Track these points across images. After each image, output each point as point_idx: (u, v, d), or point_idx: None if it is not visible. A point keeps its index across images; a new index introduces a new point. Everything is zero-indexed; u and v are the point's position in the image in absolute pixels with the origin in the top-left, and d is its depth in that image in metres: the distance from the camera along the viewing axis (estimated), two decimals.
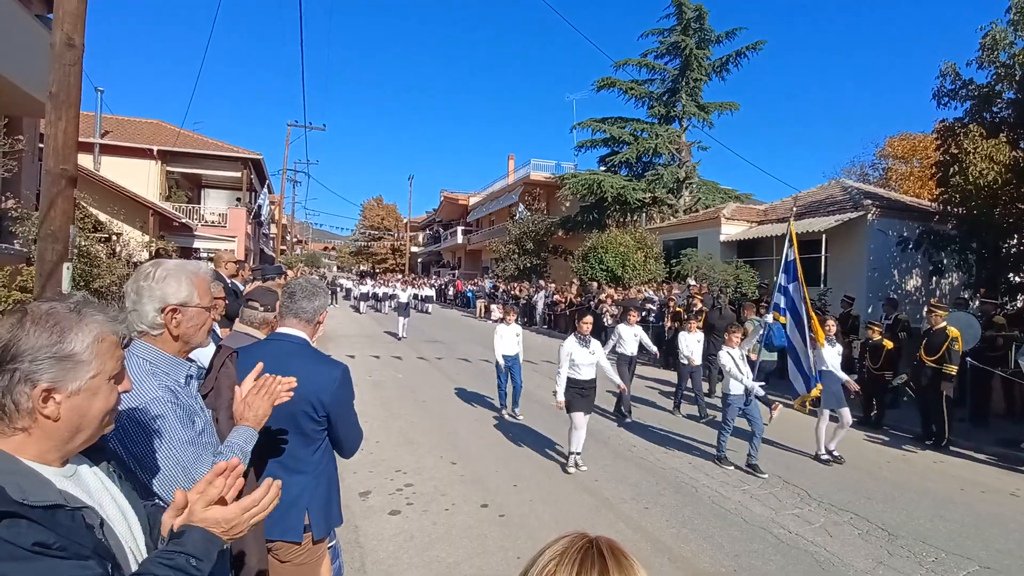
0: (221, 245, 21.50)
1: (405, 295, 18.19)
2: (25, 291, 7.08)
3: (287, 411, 1.99)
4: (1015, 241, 11.78)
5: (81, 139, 4.84)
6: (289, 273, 11.60)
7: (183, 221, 21.43)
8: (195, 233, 22.81)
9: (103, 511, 1.07)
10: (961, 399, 8.14)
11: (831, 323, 7.29)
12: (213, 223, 25.28)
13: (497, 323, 9.19)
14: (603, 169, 26.11)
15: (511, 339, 8.14)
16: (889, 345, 8.19)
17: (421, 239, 60.76)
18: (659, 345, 11.75)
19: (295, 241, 53.97)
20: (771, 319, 6.95)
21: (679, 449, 6.83)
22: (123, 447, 1.43)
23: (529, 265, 28.49)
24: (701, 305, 11.78)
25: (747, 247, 17.78)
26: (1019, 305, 9.56)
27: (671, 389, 10.31)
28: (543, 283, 23.64)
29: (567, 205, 28.53)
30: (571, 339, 6.08)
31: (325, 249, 77.32)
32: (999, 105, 11.61)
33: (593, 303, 17.11)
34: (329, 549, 2.47)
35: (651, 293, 15.83)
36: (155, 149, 22.66)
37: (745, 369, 6.29)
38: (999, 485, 6.06)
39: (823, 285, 14.36)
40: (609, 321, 15.54)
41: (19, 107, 9.51)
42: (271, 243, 38.20)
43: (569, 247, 26.75)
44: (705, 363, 9.38)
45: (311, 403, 2.11)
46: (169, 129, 24.50)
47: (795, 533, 4.62)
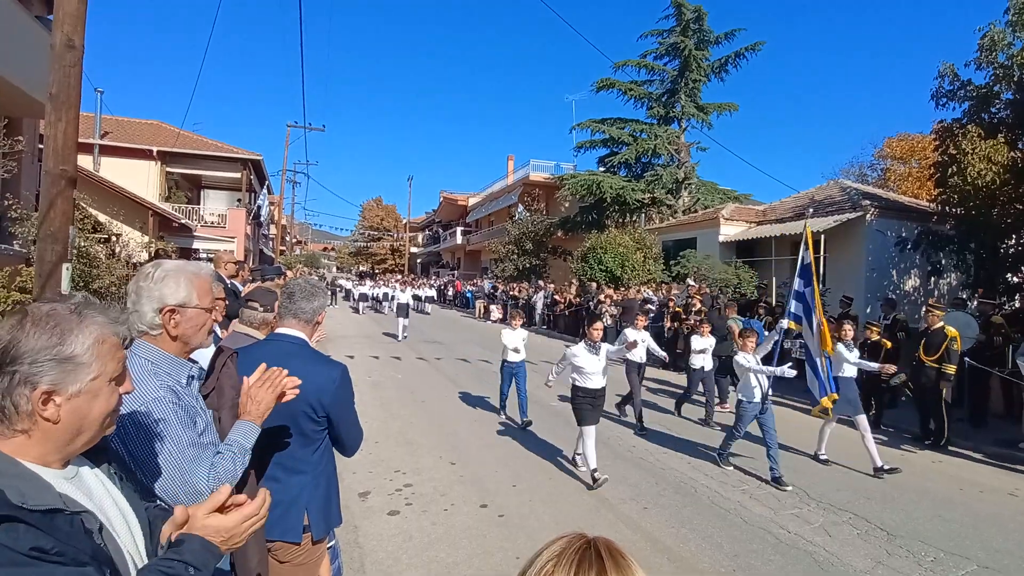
0: (220, 246, 21.50)
1: (405, 296, 17.89)
2: (24, 292, 7.08)
3: (287, 411, 2.00)
4: (1013, 241, 11.80)
5: (81, 140, 4.85)
6: (288, 273, 11.61)
7: (183, 222, 21.43)
8: (195, 234, 22.81)
9: (104, 514, 1.07)
10: (959, 399, 8.16)
11: (847, 327, 6.87)
12: (213, 224, 25.28)
13: (503, 327, 8.83)
14: (602, 170, 26.11)
15: (517, 345, 7.85)
16: (888, 345, 8.22)
17: (420, 240, 60.77)
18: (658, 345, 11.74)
19: (295, 242, 53.98)
20: (786, 325, 6.49)
21: (679, 450, 6.83)
22: (124, 447, 1.44)
23: (528, 266, 28.50)
24: (700, 305, 11.80)
25: (746, 247, 17.80)
26: (1016, 305, 9.55)
27: (672, 390, 10.34)
28: (542, 284, 23.64)
29: (566, 206, 28.54)
30: (580, 346, 5.74)
31: (324, 250, 77.30)
32: (997, 106, 11.63)
33: (592, 303, 17.12)
34: (328, 549, 2.48)
35: (650, 293, 15.84)
36: (155, 150, 22.68)
37: (763, 367, 6.01)
38: (997, 485, 6.07)
39: (822, 285, 14.27)
40: (608, 322, 15.56)
41: (19, 108, 9.51)
42: (271, 244, 38.20)
43: (568, 247, 26.77)
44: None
45: (311, 403, 2.12)
46: (169, 130, 24.51)
47: (794, 533, 4.63)
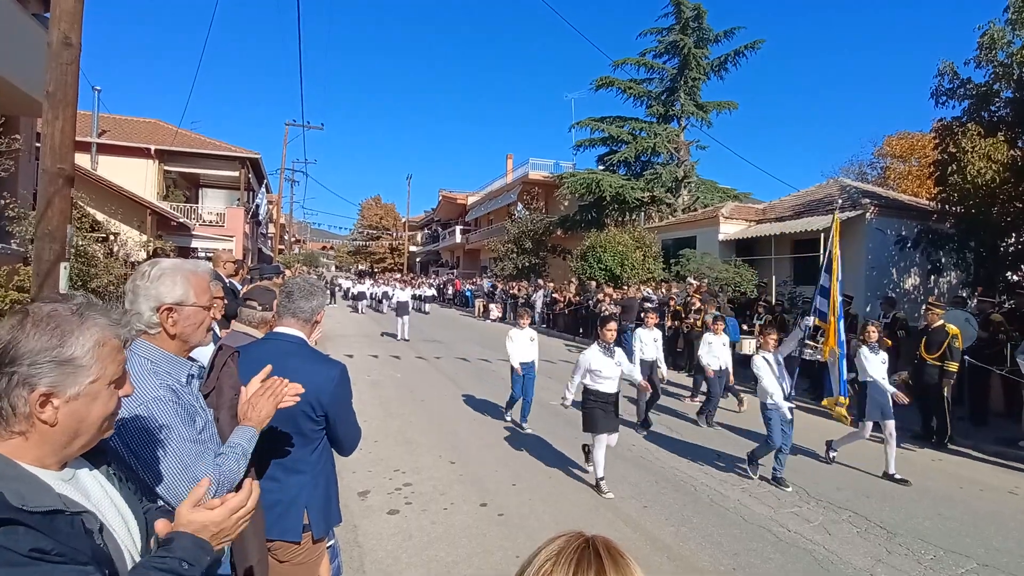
0: (219, 245, 21.46)
1: (404, 295, 17.74)
2: (22, 291, 7.07)
3: (286, 411, 1.98)
4: (1013, 240, 11.81)
5: (78, 138, 4.83)
6: (287, 272, 11.59)
7: (181, 221, 21.40)
8: (193, 233, 22.78)
9: (102, 515, 1.06)
10: (960, 397, 8.16)
11: (872, 328, 6.52)
12: (211, 222, 25.25)
13: (510, 327, 8.23)
14: (601, 168, 26.10)
15: (525, 344, 7.41)
16: (888, 343, 8.21)
17: (419, 238, 60.76)
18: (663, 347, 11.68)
19: (293, 240, 53.95)
20: (811, 322, 6.25)
21: (678, 449, 6.83)
22: (124, 446, 1.43)
23: (528, 264, 28.50)
24: (700, 304, 11.79)
25: (746, 246, 17.80)
26: (1011, 304, 9.56)
27: (674, 389, 10.32)
28: (542, 282, 23.64)
29: (565, 204, 28.53)
30: (593, 348, 5.48)
31: (323, 248, 77.29)
32: (997, 104, 11.62)
33: (591, 302, 17.12)
34: (328, 549, 2.47)
35: (650, 292, 15.84)
36: (152, 148, 22.65)
37: (783, 374, 5.71)
38: (997, 483, 6.08)
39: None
40: None
41: (16, 106, 9.49)
42: (269, 243, 38.19)
43: (568, 246, 26.77)
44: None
45: (309, 403, 2.10)
46: (167, 128, 24.46)
47: (794, 531, 4.62)
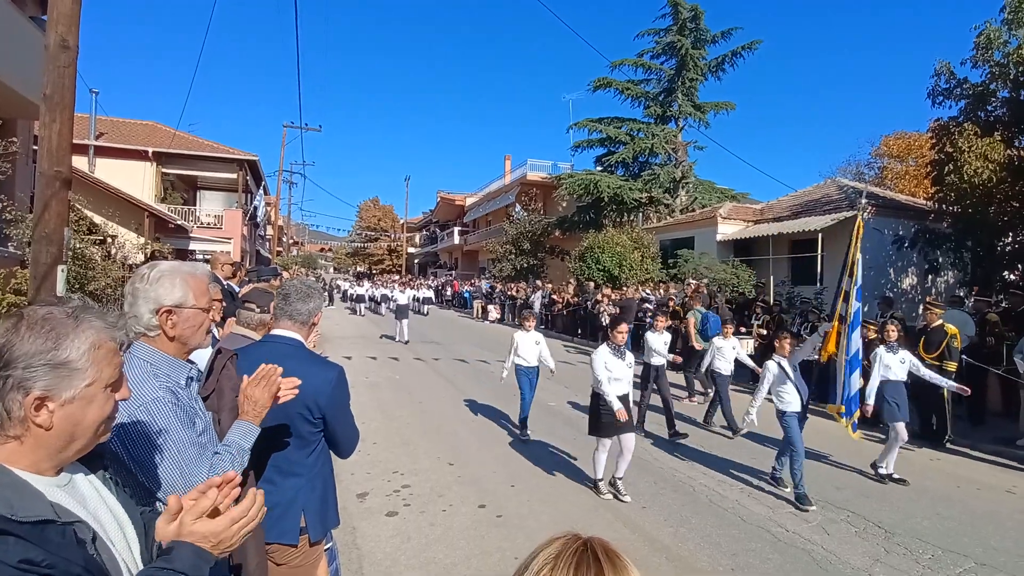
0: (217, 247, 21.43)
1: (404, 297, 17.60)
2: (19, 294, 7.06)
3: (283, 413, 1.99)
4: (1010, 239, 11.84)
5: (75, 141, 4.83)
6: (285, 274, 11.56)
7: (179, 223, 21.33)
8: (191, 235, 22.71)
9: (97, 522, 1.05)
10: (957, 397, 8.16)
11: (891, 328, 6.41)
12: (209, 225, 25.21)
13: (514, 330, 7.73)
14: (599, 169, 26.12)
15: (530, 348, 7.08)
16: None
17: (418, 240, 60.75)
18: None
19: (291, 242, 53.89)
20: (830, 328, 5.98)
21: (676, 449, 6.83)
22: (123, 448, 1.43)
23: (526, 265, 28.51)
24: (698, 305, 11.78)
25: (743, 246, 17.83)
26: (1007, 304, 9.59)
27: (674, 390, 10.29)
28: (540, 283, 23.64)
29: (564, 205, 28.54)
30: (603, 349, 5.25)
31: (322, 250, 77.28)
32: (993, 104, 11.66)
33: (590, 303, 17.13)
34: (326, 551, 2.47)
35: (648, 293, 15.85)
36: (150, 151, 22.61)
37: (799, 380, 5.49)
38: (995, 482, 6.08)
39: (819, 284, 14.43)
40: (607, 321, 15.56)
41: (13, 109, 9.47)
42: (267, 244, 38.12)
43: (566, 247, 26.79)
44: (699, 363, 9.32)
45: (307, 405, 2.10)
46: (164, 131, 24.43)
47: (792, 531, 4.63)
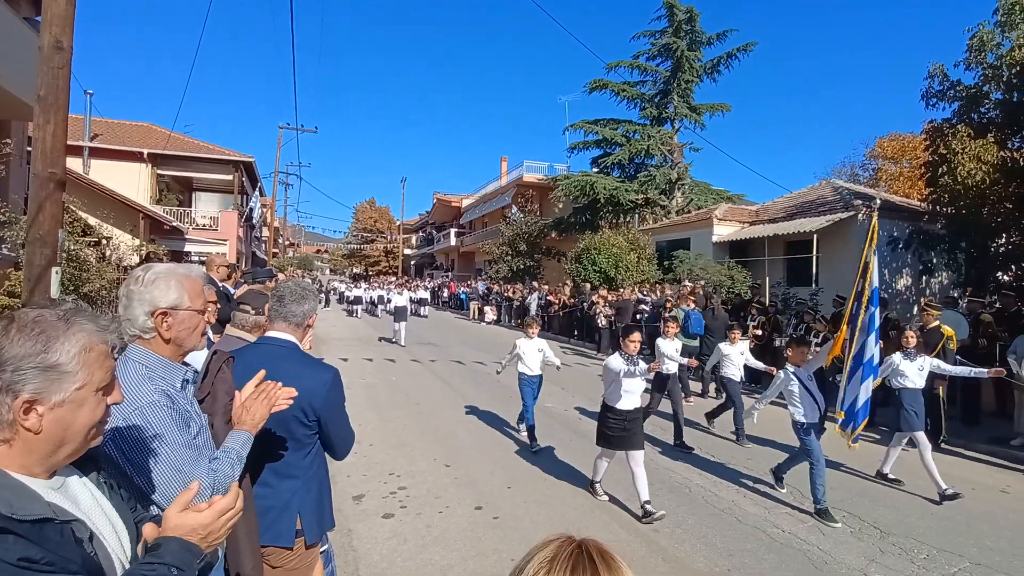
0: (212, 248, 21.39)
1: (402, 299, 17.25)
2: (13, 296, 7.03)
3: (278, 416, 1.98)
4: (1003, 240, 11.90)
5: (70, 142, 4.81)
6: (280, 276, 11.53)
7: (174, 224, 21.29)
8: (186, 236, 22.64)
9: (92, 523, 1.05)
10: (952, 397, 8.21)
11: (910, 334, 6.13)
12: (204, 226, 25.14)
13: (518, 336, 7.28)
14: (596, 170, 26.16)
15: (534, 356, 6.74)
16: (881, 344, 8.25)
17: (414, 241, 60.71)
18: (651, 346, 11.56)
19: (287, 244, 53.78)
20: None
21: (672, 450, 6.84)
22: (119, 451, 1.42)
23: (522, 267, 28.52)
24: (694, 305, 11.82)
25: (739, 247, 17.88)
26: (999, 305, 9.64)
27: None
28: (536, 285, 23.64)
29: (560, 206, 28.58)
30: (616, 359, 4.99)
31: (318, 252, 77.14)
32: (986, 106, 11.73)
33: (586, 305, 17.14)
34: (321, 554, 2.46)
35: (644, 294, 15.87)
36: (145, 152, 22.53)
37: (814, 389, 5.22)
38: (990, 482, 6.11)
39: (815, 285, 14.47)
40: (603, 323, 15.57)
41: (7, 110, 9.43)
42: (263, 246, 38.02)
43: (562, 248, 26.81)
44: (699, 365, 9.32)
45: (302, 407, 2.10)
46: (159, 132, 24.36)
47: (788, 532, 4.64)
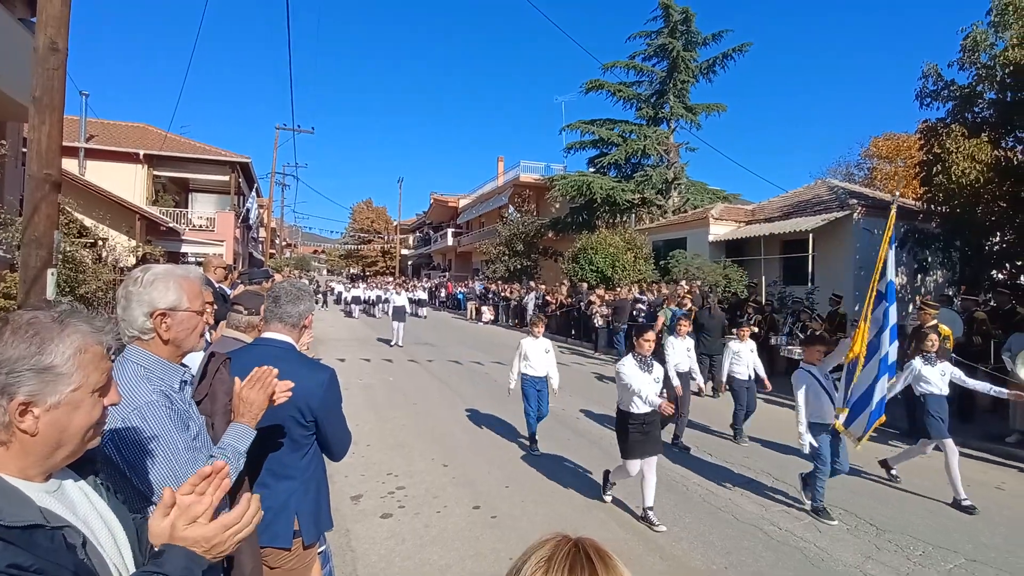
0: (209, 249, 21.33)
1: (400, 299, 17.06)
2: (8, 298, 6.99)
3: (275, 417, 1.99)
4: (997, 239, 11.96)
5: (65, 143, 4.80)
6: (276, 276, 11.49)
7: (170, 225, 21.20)
8: (183, 237, 22.57)
9: (87, 528, 1.04)
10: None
11: (933, 338, 5.91)
12: (201, 227, 25.08)
13: (522, 336, 6.97)
14: (592, 170, 26.20)
15: (539, 357, 6.47)
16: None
17: (411, 241, 60.67)
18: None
19: (284, 244, 53.70)
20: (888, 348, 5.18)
21: (669, 449, 6.85)
22: (117, 453, 1.42)
23: (519, 266, 28.53)
24: (691, 304, 11.85)
25: (735, 247, 17.92)
26: (994, 303, 9.69)
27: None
28: (533, 284, 23.66)
29: (557, 206, 28.61)
30: (628, 360, 4.79)
31: (315, 252, 76.99)
32: (980, 105, 11.78)
33: (583, 304, 17.16)
34: (319, 554, 2.46)
35: (641, 293, 15.89)
36: (141, 153, 22.48)
37: (830, 389, 5.07)
38: (985, 479, 6.14)
39: (810, 284, 14.52)
40: (599, 323, 15.59)
41: (2, 111, 9.41)
42: (260, 247, 37.97)
43: (559, 248, 26.82)
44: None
45: (299, 408, 2.10)
46: (155, 133, 24.29)
47: (785, 529, 4.66)
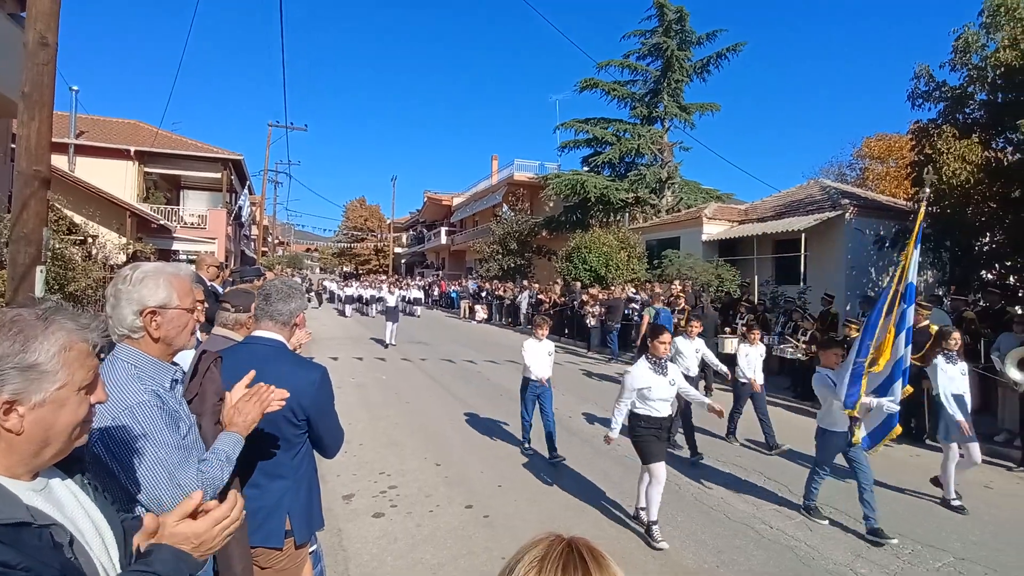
0: (201, 247, 21.21)
1: (393, 298, 16.87)
2: None
3: (267, 416, 1.97)
4: (987, 239, 12.06)
5: (55, 139, 4.76)
6: (268, 274, 11.44)
7: (162, 223, 21.08)
8: (174, 235, 22.44)
9: (74, 527, 1.04)
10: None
11: (956, 336, 5.76)
12: (193, 225, 24.93)
13: (526, 338, 6.74)
14: (586, 169, 26.20)
15: (543, 361, 6.31)
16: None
17: (404, 240, 60.51)
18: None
19: (277, 242, 53.41)
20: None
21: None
22: (107, 452, 1.41)
23: (513, 265, 28.54)
24: (684, 303, 11.90)
25: (728, 246, 17.98)
26: (985, 303, 9.78)
27: None
28: (527, 283, 23.67)
29: (551, 205, 28.60)
30: (642, 364, 4.55)
31: (308, 250, 76.65)
32: (971, 106, 11.88)
33: (576, 303, 17.18)
34: (311, 554, 2.45)
35: (634, 292, 15.94)
36: (132, 150, 22.29)
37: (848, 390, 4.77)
38: (973, 478, 6.17)
39: (803, 283, 14.60)
40: (592, 322, 15.61)
41: None
42: (252, 245, 37.78)
43: (553, 247, 26.84)
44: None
45: (290, 407, 2.08)
46: (147, 129, 24.10)
47: (776, 528, 4.69)
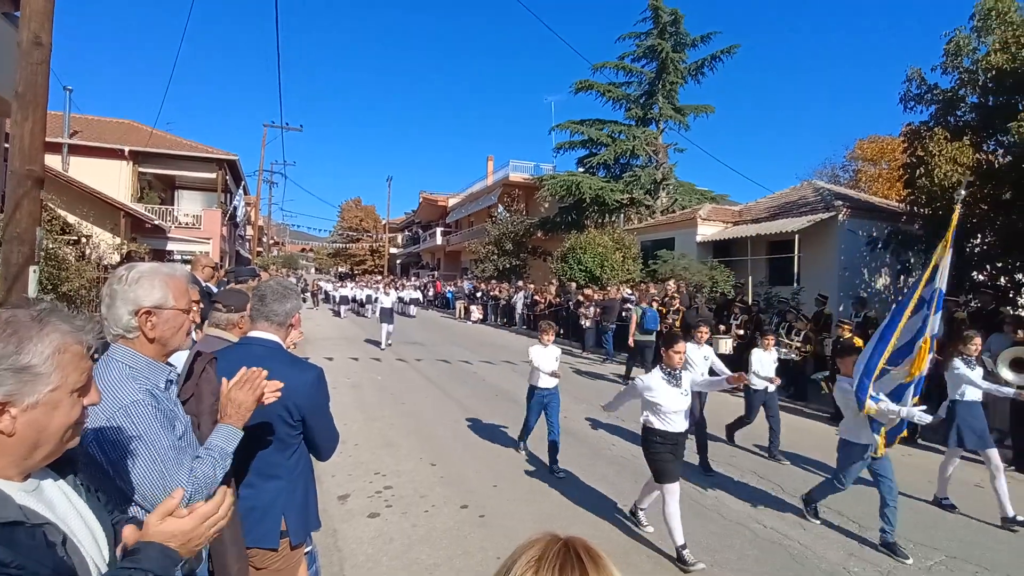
0: (195, 247, 21.15)
1: (389, 299, 16.77)
2: None
3: (262, 416, 1.98)
4: (978, 240, 12.15)
5: (49, 139, 4.74)
6: (263, 275, 11.41)
7: (156, 223, 20.96)
8: (169, 235, 22.34)
9: (67, 527, 1.03)
10: (927, 394, 8.39)
11: (977, 340, 5.60)
12: (187, 225, 24.83)
13: (531, 343, 6.55)
14: (581, 170, 26.23)
15: (550, 367, 6.13)
16: (859, 343, 8.38)
17: (400, 240, 60.45)
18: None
19: (272, 243, 53.28)
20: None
21: None
22: (101, 452, 1.41)
23: (508, 266, 28.53)
24: (678, 304, 11.94)
25: (722, 247, 18.05)
26: (977, 304, 9.85)
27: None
28: (522, 284, 23.67)
29: (546, 206, 28.58)
30: (655, 375, 4.40)
31: (303, 251, 76.49)
32: (963, 109, 11.96)
33: (572, 304, 17.20)
34: (306, 554, 2.45)
35: (629, 293, 15.97)
36: (126, 149, 22.20)
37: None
38: (964, 477, 6.22)
39: (796, 284, 14.67)
40: (587, 323, 15.64)
41: None
42: (247, 245, 37.64)
43: (548, 248, 26.86)
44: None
45: (286, 407, 2.09)
46: (141, 129, 24.00)
47: (770, 527, 4.72)
